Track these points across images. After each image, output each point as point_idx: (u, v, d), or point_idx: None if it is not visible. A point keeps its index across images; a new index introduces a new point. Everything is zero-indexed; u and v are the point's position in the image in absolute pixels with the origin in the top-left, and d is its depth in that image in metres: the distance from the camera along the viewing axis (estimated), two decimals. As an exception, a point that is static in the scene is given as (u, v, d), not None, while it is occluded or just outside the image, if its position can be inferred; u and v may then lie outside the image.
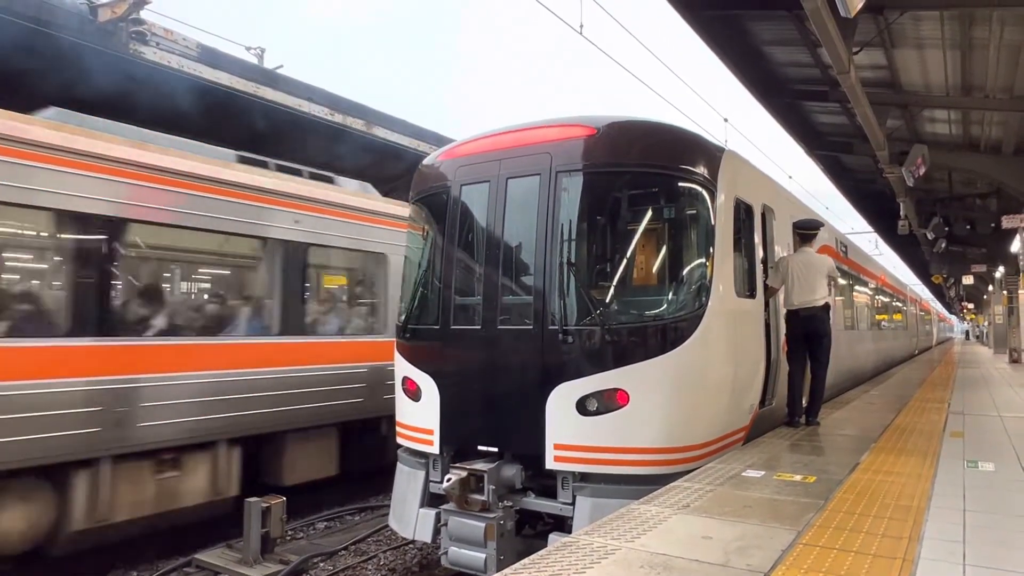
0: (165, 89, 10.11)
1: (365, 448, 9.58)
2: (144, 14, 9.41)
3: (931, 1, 7.69)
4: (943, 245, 18.26)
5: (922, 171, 11.52)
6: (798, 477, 4.90)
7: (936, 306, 51.41)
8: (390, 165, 14.89)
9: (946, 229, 16.69)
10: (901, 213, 15.83)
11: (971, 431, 7.06)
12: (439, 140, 14.32)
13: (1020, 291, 19.66)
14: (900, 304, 22.06)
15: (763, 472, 5.04)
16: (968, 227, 16.61)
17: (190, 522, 7.63)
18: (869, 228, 24.89)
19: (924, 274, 35.33)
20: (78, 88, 9.68)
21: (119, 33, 9.17)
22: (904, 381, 13.59)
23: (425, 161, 6.77)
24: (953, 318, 76.00)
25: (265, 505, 6.68)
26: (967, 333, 70.62)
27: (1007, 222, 13.31)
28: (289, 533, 7.98)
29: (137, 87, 9.85)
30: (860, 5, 5.71)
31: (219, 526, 7.92)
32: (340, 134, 13.20)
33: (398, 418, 6.33)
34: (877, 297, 16.53)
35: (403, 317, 6.43)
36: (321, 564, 7.24)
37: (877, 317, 16.51)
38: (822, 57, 9.57)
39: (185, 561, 7.16)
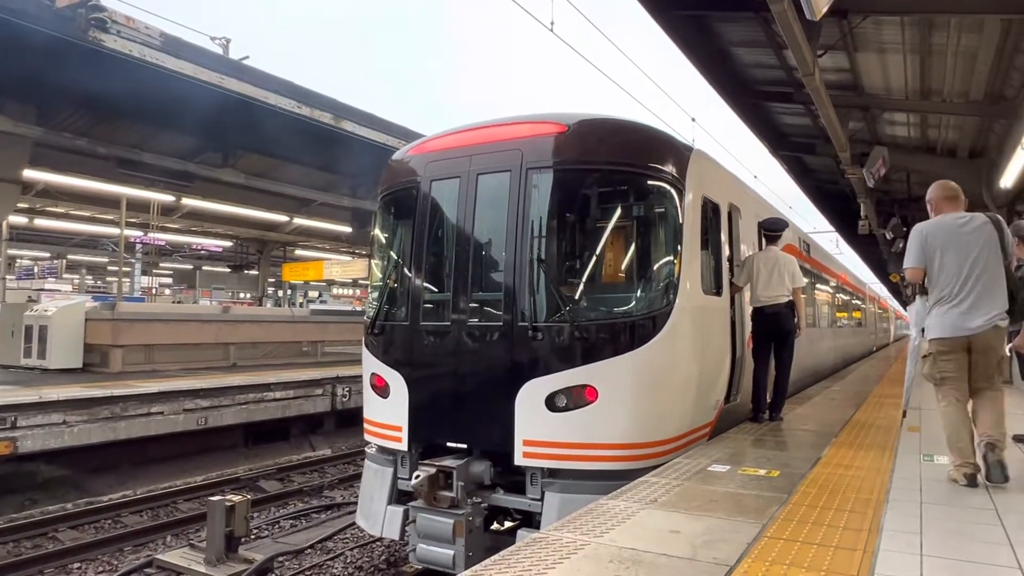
0: (126, 78, 9.84)
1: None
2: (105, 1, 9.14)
3: (893, 6, 7.86)
4: (901, 245, 18.71)
5: (882, 172, 11.79)
6: (762, 471, 4.99)
7: (894, 304, 52.73)
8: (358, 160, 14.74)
9: (904, 229, 17.08)
10: (861, 213, 16.18)
11: (927, 426, 7.25)
12: (408, 135, 14.20)
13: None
14: (860, 302, 22.58)
15: (728, 467, 5.11)
16: (925, 228, 17.05)
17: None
18: (831, 228, 25.41)
19: (883, 273, 36.24)
20: (34, 76, 9.39)
21: (78, 20, 8.88)
22: (863, 377, 13.93)
23: (394, 156, 6.71)
24: (908, 314, 78.07)
25: (229, 504, 6.57)
26: (923, 331, 72.44)
27: (961, 223, 13.70)
28: (254, 532, 7.87)
29: (97, 76, 9.58)
30: (825, 8, 5.79)
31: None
32: (307, 128, 13.00)
33: (366, 415, 6.28)
34: (838, 295, 16.90)
35: (372, 313, 6.38)
36: (287, 563, 7.16)
37: (838, 315, 16.87)
38: (787, 59, 9.72)
39: (145, 562, 7.01)
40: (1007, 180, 10.32)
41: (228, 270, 32.24)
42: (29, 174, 12.98)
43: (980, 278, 4.32)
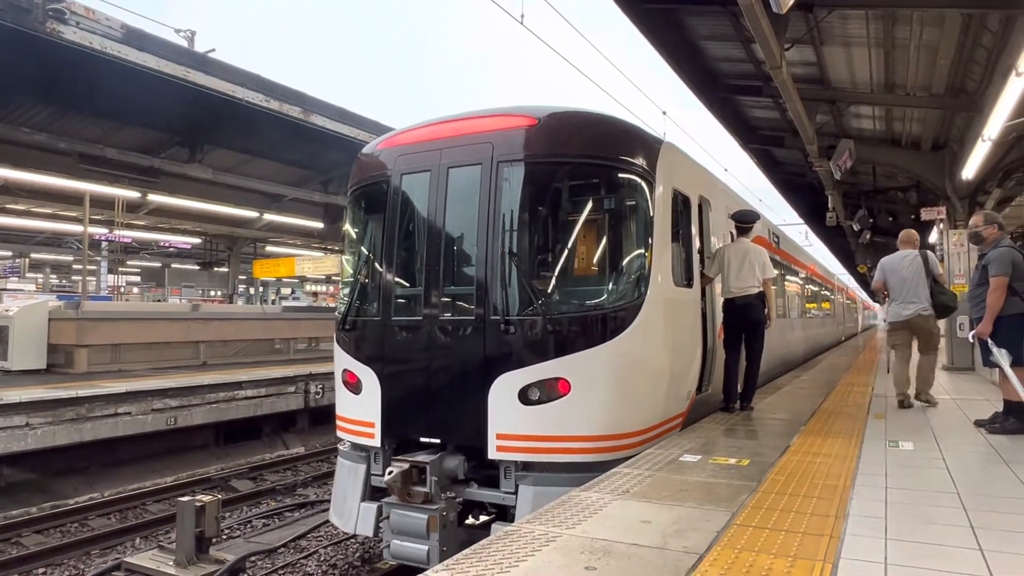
0: (86, 71, 9.59)
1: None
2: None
3: (856, 0, 7.99)
4: (868, 236, 19.06)
5: (848, 165, 11.99)
6: (733, 460, 5.05)
7: (861, 295, 53.75)
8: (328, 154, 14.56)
9: (870, 221, 17.38)
10: (829, 205, 16.42)
11: (892, 413, 7.41)
12: (379, 129, 14.07)
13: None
14: (828, 293, 22.96)
15: (700, 456, 5.17)
16: (891, 219, 17.29)
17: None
18: (800, 220, 25.77)
19: (850, 264, 36.82)
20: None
21: (34, 11, 8.63)
22: (832, 367, 14.17)
23: (364, 150, 6.64)
24: (877, 306, 79.67)
25: (199, 504, 6.46)
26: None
27: (926, 214, 13.97)
28: (225, 532, 7.77)
29: (56, 69, 9.32)
30: (791, 2, 5.86)
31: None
32: (276, 122, 12.80)
33: (338, 411, 6.22)
34: (807, 286, 17.15)
35: (343, 308, 6.31)
36: (259, 562, 7.08)
37: (807, 306, 17.14)
38: (756, 53, 9.82)
39: (113, 565, 6.87)
40: (968, 171, 10.56)
41: (197, 267, 31.69)
42: (-13, 170, 12.62)
43: (911, 288, 7.48)
